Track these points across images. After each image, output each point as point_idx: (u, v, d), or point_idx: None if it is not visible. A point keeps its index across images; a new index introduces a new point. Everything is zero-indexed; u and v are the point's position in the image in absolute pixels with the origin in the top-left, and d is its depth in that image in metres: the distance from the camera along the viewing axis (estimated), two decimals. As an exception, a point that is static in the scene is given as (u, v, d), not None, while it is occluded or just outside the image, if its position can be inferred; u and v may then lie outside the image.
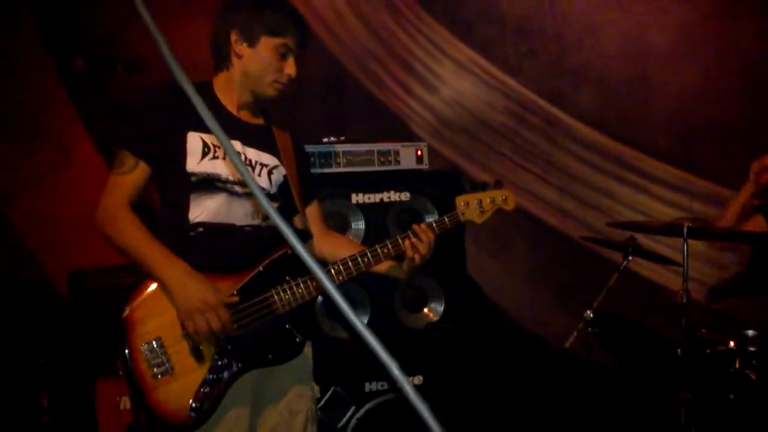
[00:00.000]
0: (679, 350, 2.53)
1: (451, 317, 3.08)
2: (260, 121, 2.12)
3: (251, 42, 1.99)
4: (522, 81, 4.30)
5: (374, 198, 3.03)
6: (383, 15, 4.30)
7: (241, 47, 2.00)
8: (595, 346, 2.88)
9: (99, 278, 3.00)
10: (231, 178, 1.97)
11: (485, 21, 4.30)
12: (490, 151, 4.31)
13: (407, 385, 0.78)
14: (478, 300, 4.02)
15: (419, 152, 3.12)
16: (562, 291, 4.18)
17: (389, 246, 2.03)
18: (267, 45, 1.99)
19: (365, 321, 2.90)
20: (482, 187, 2.16)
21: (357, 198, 3.01)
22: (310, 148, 2.97)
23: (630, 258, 3.00)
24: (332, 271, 1.97)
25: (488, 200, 2.14)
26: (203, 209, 1.95)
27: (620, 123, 4.24)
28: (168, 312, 1.87)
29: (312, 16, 4.21)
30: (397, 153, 3.09)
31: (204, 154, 1.96)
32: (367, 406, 2.83)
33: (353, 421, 2.80)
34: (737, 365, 2.53)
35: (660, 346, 2.73)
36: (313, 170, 2.96)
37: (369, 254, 2.00)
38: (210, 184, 1.96)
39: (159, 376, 1.83)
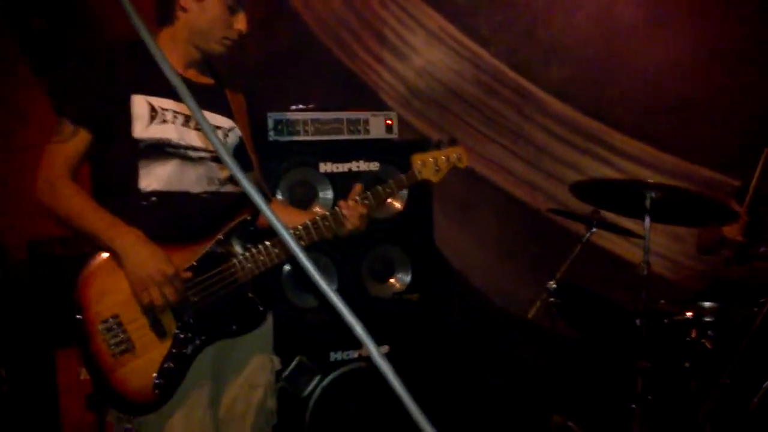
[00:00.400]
0: (637, 320, 2.59)
1: (418, 287, 3.10)
2: (209, 80, 2.01)
3: None
4: (493, 52, 4.28)
5: (343, 167, 3.00)
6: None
7: (186, 1, 1.88)
8: (557, 316, 2.94)
9: (60, 247, 2.94)
10: (182, 142, 1.87)
11: (458, -10, 4.26)
12: (459, 122, 4.30)
13: (373, 349, 0.79)
14: (444, 271, 4.05)
15: (389, 122, 3.10)
16: (529, 263, 4.24)
17: (330, 218, 1.99)
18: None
19: (333, 289, 2.90)
20: (437, 145, 2.18)
21: (325, 167, 2.99)
22: (277, 116, 2.93)
23: (593, 230, 3.04)
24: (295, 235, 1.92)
25: (443, 158, 2.15)
26: (154, 177, 1.85)
27: (590, 97, 4.25)
28: (123, 286, 1.78)
29: (282, -20, 4.12)
30: (366, 122, 3.07)
31: (152, 119, 1.85)
32: (332, 375, 2.85)
33: (318, 390, 2.81)
34: (694, 335, 2.61)
35: (619, 316, 2.79)
36: (281, 138, 2.93)
37: (321, 221, 1.97)
38: (160, 150, 1.85)
39: (119, 355, 1.76)
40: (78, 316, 1.76)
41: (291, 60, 4.13)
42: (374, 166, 3.05)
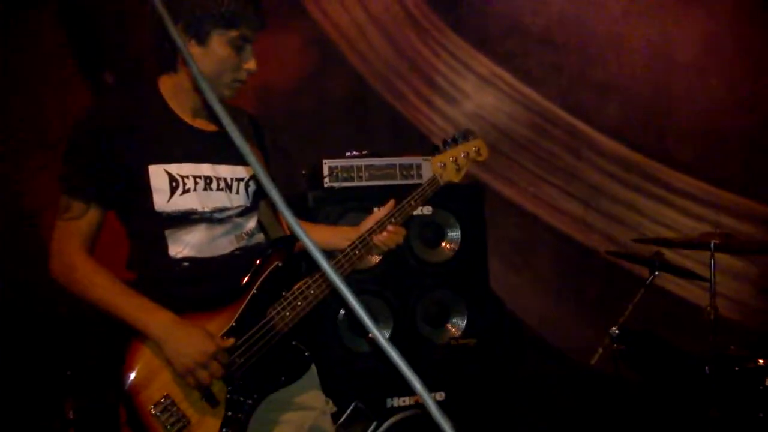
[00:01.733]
0: (707, 367, 2.48)
1: (474, 332, 3.05)
2: (215, 128, 1.84)
3: (200, 39, 1.70)
4: (545, 94, 4.28)
5: (396, 212, 3.02)
6: (407, 31, 4.33)
7: (188, 46, 1.71)
8: (621, 363, 2.84)
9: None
10: (207, 209, 1.78)
11: (509, 35, 4.30)
12: (512, 164, 4.29)
13: (430, 401, 0.78)
14: (500, 315, 3.99)
15: (441, 166, 3.11)
16: (587, 306, 4.13)
17: (377, 231, 1.91)
18: (220, 41, 1.71)
19: (387, 335, 2.89)
20: (454, 141, 2.01)
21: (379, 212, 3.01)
22: (332, 162, 2.99)
23: (656, 273, 2.96)
24: (338, 267, 1.83)
25: (462, 155, 2.01)
26: (183, 244, 1.75)
27: (645, 135, 4.20)
28: (166, 365, 1.69)
29: (335, 32, 4.25)
30: (419, 167, 3.09)
31: (173, 190, 1.73)
32: (388, 422, 2.81)
33: (375, 437, 2.78)
34: (767, 383, 2.48)
35: (687, 363, 2.68)
36: (336, 184, 2.97)
37: (359, 244, 1.88)
38: (185, 219, 1.75)
39: None
40: (130, 403, 1.67)
41: (344, 107, 4.22)
42: (427, 210, 3.06)
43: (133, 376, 1.67)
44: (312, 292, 1.81)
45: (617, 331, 2.80)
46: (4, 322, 3.36)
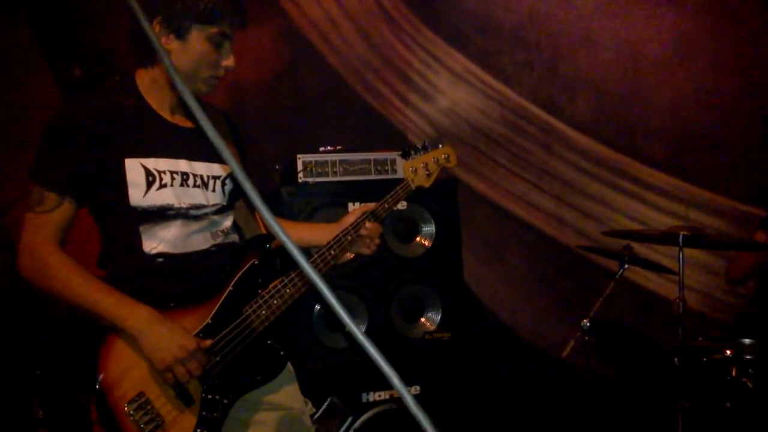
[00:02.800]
0: (675, 359, 2.53)
1: (448, 326, 3.08)
2: (192, 124, 1.82)
3: (179, 34, 1.69)
4: (518, 90, 4.32)
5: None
6: (381, 26, 4.33)
7: (167, 40, 1.69)
8: (592, 355, 2.88)
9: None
10: (183, 205, 1.76)
11: (481, 31, 4.32)
12: (486, 160, 4.33)
13: (407, 395, 0.78)
14: (475, 309, 4.02)
15: (416, 161, 3.12)
16: (559, 300, 4.19)
17: (351, 233, 1.92)
18: (199, 36, 1.70)
19: (362, 330, 2.89)
20: (423, 148, 2.09)
21: (354, 207, 3.01)
22: (306, 157, 2.98)
23: (626, 266, 3.01)
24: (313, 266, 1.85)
25: (432, 161, 2.09)
26: (158, 240, 1.73)
27: (616, 131, 4.25)
28: (142, 362, 1.66)
29: (310, 27, 4.23)
30: (393, 162, 3.10)
31: (149, 184, 1.71)
32: (364, 417, 2.82)
33: None
34: (734, 373, 2.54)
35: (657, 354, 2.73)
36: (310, 179, 2.97)
37: (335, 245, 1.89)
38: (161, 214, 1.73)
39: None
40: (102, 400, 1.63)
41: (318, 102, 4.21)
42: (401, 205, 3.07)
43: (107, 371, 1.63)
44: (288, 290, 1.80)
45: (588, 324, 2.85)
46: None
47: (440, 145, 2.11)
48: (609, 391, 3.15)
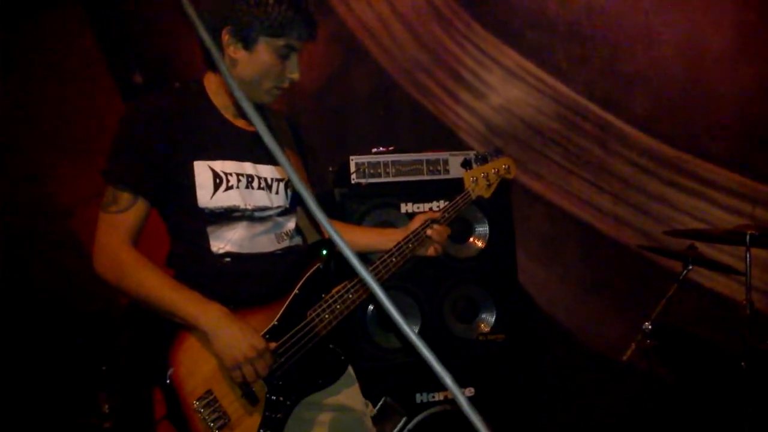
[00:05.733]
0: (742, 363, 2.43)
1: (502, 328, 3.04)
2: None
3: (247, 44, 1.71)
4: (573, 87, 4.23)
5: (423, 207, 3.02)
6: (431, 24, 4.30)
7: (235, 49, 1.72)
8: (654, 358, 2.79)
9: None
10: (249, 206, 1.79)
11: (535, 27, 4.25)
12: (540, 158, 4.25)
13: (461, 396, 0.77)
14: (530, 310, 3.96)
15: (468, 161, 3.09)
16: (619, 302, 4.08)
17: (413, 240, 1.93)
18: (266, 48, 1.71)
19: (415, 331, 2.87)
20: (483, 158, 2.10)
21: (406, 207, 3.01)
22: (359, 159, 2.99)
23: (690, 267, 2.90)
24: (374, 273, 1.85)
25: (493, 172, 2.08)
26: (225, 240, 1.77)
27: (676, 128, 4.12)
28: (211, 360, 1.70)
29: (359, 27, 4.25)
30: (446, 162, 3.08)
31: (216, 186, 1.75)
32: (418, 418, 2.81)
33: (404, 432, 2.78)
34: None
35: (722, 358, 2.63)
36: (363, 180, 2.98)
37: (396, 252, 1.91)
38: (227, 215, 1.76)
39: (218, 431, 1.67)
40: (172, 395, 1.66)
41: (370, 104, 4.22)
42: (455, 205, 3.04)
43: (177, 367, 1.67)
44: (350, 296, 1.82)
45: (650, 327, 2.76)
46: (40, 319, 3.44)
47: (500, 156, 2.11)
48: (672, 397, 3.04)
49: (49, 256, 3.55)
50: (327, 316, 1.80)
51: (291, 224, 1.91)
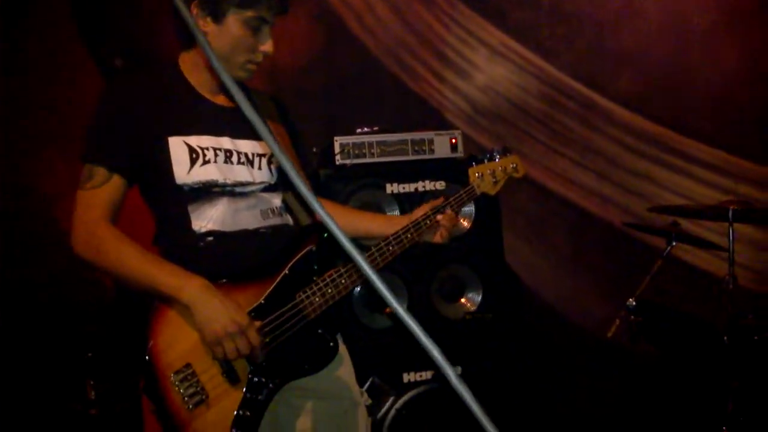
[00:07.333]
0: (725, 337, 2.46)
1: (489, 307, 3.05)
2: (234, 104, 1.73)
3: (216, 17, 1.69)
4: (557, 65, 4.22)
5: (409, 187, 3.01)
6: (415, 3, 4.27)
7: (204, 22, 1.70)
8: (639, 335, 2.82)
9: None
10: (228, 180, 1.76)
11: (519, 6, 4.23)
12: (525, 137, 4.25)
13: (450, 372, 0.77)
14: (516, 289, 3.97)
15: (453, 140, 3.09)
16: (604, 279, 4.11)
17: (412, 231, 1.90)
18: (236, 20, 1.70)
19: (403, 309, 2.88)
20: (491, 156, 2.07)
21: (392, 188, 3.00)
22: (343, 139, 2.97)
23: (674, 244, 2.93)
24: (371, 260, 1.83)
25: (500, 169, 2.05)
26: (207, 218, 1.74)
27: (661, 105, 4.13)
28: (193, 334, 1.65)
29: (344, 7, 4.20)
30: (431, 142, 3.07)
31: (193, 161, 1.72)
32: (405, 397, 2.82)
33: (392, 412, 2.79)
34: (788, 352, 2.46)
35: (706, 334, 2.66)
36: (348, 161, 2.96)
37: (393, 241, 1.88)
38: (206, 191, 1.73)
39: (193, 407, 1.63)
40: (149, 367, 1.63)
41: (354, 84, 4.19)
42: (440, 185, 3.04)
43: (156, 339, 1.63)
44: (343, 281, 1.78)
45: (634, 303, 2.78)
46: (25, 309, 3.41)
47: (508, 154, 2.08)
48: (656, 372, 3.09)
49: (33, 247, 3.52)
50: (317, 299, 1.76)
51: (277, 201, 1.87)
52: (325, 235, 1.85)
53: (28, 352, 3.31)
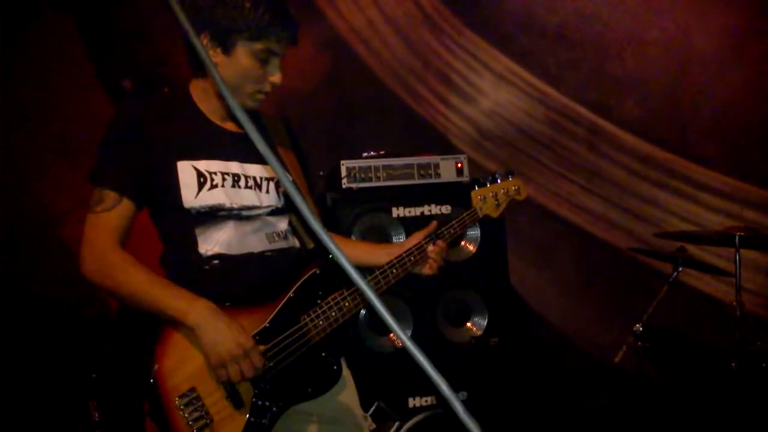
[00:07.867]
0: (733, 363, 2.44)
1: (495, 331, 3.04)
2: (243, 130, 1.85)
3: (226, 48, 1.72)
4: (563, 90, 4.25)
5: (415, 211, 3.02)
6: (421, 29, 4.32)
7: (214, 53, 1.72)
8: (646, 360, 2.80)
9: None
10: (235, 205, 1.77)
11: (524, 32, 4.27)
12: (531, 162, 4.26)
13: (456, 401, 0.77)
14: (522, 313, 3.96)
15: (459, 165, 3.10)
16: (611, 304, 4.09)
17: (415, 254, 1.92)
18: (245, 52, 1.72)
19: (408, 335, 2.87)
20: (494, 178, 2.09)
21: (398, 212, 3.01)
22: (349, 163, 2.99)
23: (680, 269, 2.92)
24: (374, 284, 1.84)
25: (502, 192, 2.07)
26: (213, 242, 1.75)
27: (666, 130, 4.14)
28: (198, 357, 1.66)
29: (349, 31, 4.25)
30: (437, 166, 3.08)
31: (200, 185, 1.74)
32: (411, 422, 2.80)
33: (397, 437, 2.77)
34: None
35: (713, 360, 2.64)
36: (354, 185, 2.98)
37: (397, 264, 1.89)
38: (213, 215, 1.75)
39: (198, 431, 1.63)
40: (154, 390, 1.63)
41: (360, 108, 4.22)
42: (446, 209, 3.05)
43: (161, 362, 1.63)
44: (347, 304, 1.80)
45: (641, 329, 2.77)
46: (30, 326, 3.41)
47: (510, 177, 2.10)
48: (664, 397, 3.05)
49: (41, 264, 3.53)
50: (321, 322, 1.77)
51: (283, 224, 1.88)
52: (330, 257, 1.85)
53: (32, 373, 3.31)
